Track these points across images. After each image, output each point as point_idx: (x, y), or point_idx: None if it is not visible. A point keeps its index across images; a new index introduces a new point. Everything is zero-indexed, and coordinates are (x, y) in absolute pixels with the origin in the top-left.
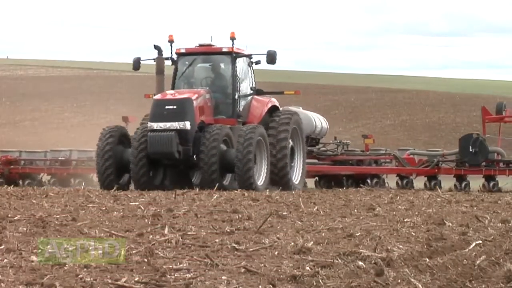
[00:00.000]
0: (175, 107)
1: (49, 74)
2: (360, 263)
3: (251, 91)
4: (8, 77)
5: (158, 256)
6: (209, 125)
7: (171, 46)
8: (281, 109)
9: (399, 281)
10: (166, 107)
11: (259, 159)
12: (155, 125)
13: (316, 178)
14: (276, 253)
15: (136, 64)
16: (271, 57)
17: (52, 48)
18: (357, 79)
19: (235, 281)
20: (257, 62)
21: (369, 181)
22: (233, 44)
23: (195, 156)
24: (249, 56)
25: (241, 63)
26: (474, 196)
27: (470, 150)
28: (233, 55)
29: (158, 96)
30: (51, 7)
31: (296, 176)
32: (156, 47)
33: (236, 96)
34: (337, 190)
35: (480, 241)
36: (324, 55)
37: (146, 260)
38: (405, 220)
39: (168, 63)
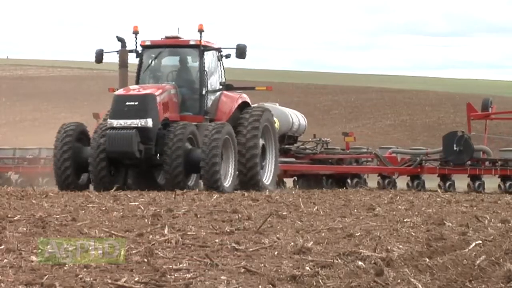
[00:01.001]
0: (136, 103)
1: (49, 74)
2: (360, 263)
3: (220, 87)
4: (8, 77)
5: (158, 256)
6: (174, 123)
7: (135, 37)
8: (255, 105)
9: (399, 281)
10: (127, 103)
11: (226, 159)
12: (115, 122)
13: (295, 177)
14: (276, 253)
15: (99, 56)
16: (241, 51)
17: (52, 48)
18: (357, 79)
19: (235, 281)
20: (227, 56)
21: (349, 181)
22: (201, 36)
23: (158, 155)
24: (218, 50)
25: (209, 56)
26: (474, 196)
27: (455, 148)
28: (201, 48)
29: (119, 91)
30: (51, 7)
31: (267, 177)
32: (119, 38)
33: (204, 92)
34: (337, 190)
35: (480, 241)
36: (324, 55)
37: (146, 260)
38: (405, 220)
39: (132, 56)
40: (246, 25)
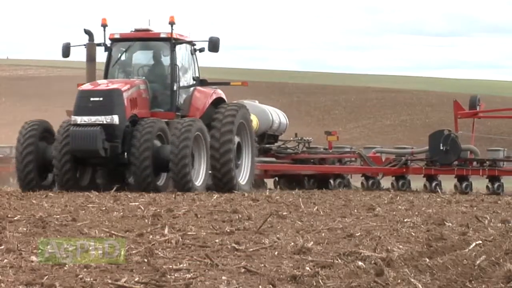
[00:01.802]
0: (101, 99)
1: (49, 74)
2: (360, 263)
3: (194, 82)
4: (8, 77)
5: (158, 256)
6: (142, 119)
7: (104, 30)
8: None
9: (399, 281)
10: (92, 99)
11: (197, 157)
12: (79, 119)
13: (276, 178)
14: (276, 253)
15: (65, 50)
16: (213, 44)
17: (52, 48)
18: (357, 79)
19: (235, 281)
20: (201, 50)
21: (332, 181)
22: (172, 29)
23: (125, 154)
24: (191, 43)
25: (182, 50)
26: (474, 196)
27: (441, 148)
28: (172, 42)
29: (85, 86)
30: (51, 7)
31: (243, 176)
32: (86, 31)
33: (175, 87)
34: (336, 190)
35: (480, 241)
36: (324, 55)
37: (146, 260)
38: (405, 220)
39: (100, 49)
40: (246, 26)
